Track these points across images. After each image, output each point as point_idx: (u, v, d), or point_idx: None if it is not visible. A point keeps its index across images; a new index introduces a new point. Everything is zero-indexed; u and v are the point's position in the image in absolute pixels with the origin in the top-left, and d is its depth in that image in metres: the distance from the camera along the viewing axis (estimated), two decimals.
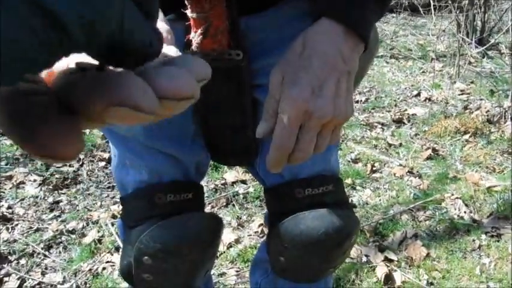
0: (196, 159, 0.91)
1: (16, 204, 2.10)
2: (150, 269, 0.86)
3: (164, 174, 0.87)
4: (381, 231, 1.96)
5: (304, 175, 0.89)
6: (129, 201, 0.89)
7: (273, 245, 0.94)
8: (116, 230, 1.91)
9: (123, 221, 0.93)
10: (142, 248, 0.84)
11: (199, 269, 0.93)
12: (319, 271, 0.97)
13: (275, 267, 0.99)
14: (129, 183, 0.89)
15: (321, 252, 0.90)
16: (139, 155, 0.86)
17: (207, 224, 0.90)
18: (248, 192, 2.18)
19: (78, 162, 2.45)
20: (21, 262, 1.76)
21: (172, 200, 0.86)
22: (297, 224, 0.88)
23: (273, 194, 0.94)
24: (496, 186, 2.32)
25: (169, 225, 0.84)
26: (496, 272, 1.77)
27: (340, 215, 0.89)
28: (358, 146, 2.62)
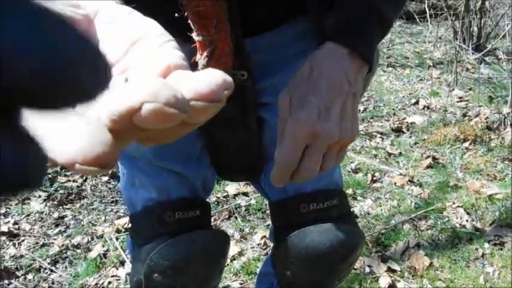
0: (203, 176, 0.93)
1: (22, 220, 2.11)
2: (160, 286, 0.88)
3: (172, 191, 0.89)
4: (383, 242, 1.98)
5: (309, 190, 0.91)
6: (138, 219, 0.92)
7: (279, 260, 0.96)
8: (121, 245, 1.93)
9: (132, 238, 0.95)
10: (152, 266, 0.86)
11: (207, 285, 0.95)
12: (325, 284, 0.99)
13: (281, 282, 1.01)
14: (138, 201, 0.91)
15: (327, 265, 0.92)
16: (147, 174, 0.88)
17: (214, 241, 0.92)
18: (250, 205, 2.20)
19: (82, 177, 2.47)
20: (28, 277, 1.77)
21: (180, 217, 0.88)
22: (302, 239, 0.90)
23: (277, 209, 0.96)
24: (498, 194, 2.34)
25: (178, 243, 0.86)
26: (500, 281, 1.78)
27: (345, 229, 0.91)
28: (358, 156, 2.64)
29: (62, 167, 2.48)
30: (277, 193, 0.94)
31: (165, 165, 0.87)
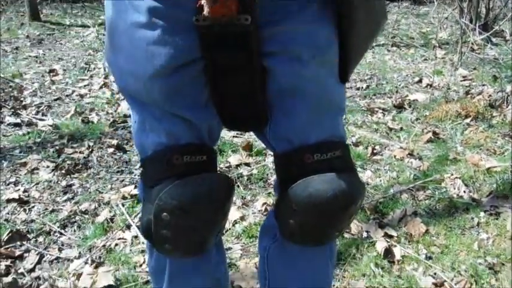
0: (209, 124, 0.96)
1: (32, 188, 2.19)
2: (168, 225, 0.93)
3: (181, 137, 0.93)
4: (381, 210, 2.03)
5: (312, 141, 0.94)
6: (148, 163, 0.96)
7: (282, 209, 1.01)
8: (127, 210, 2.00)
9: (143, 182, 1.00)
10: (161, 205, 0.91)
11: (212, 227, 1.00)
12: (326, 234, 1.04)
13: (283, 231, 1.06)
14: (148, 146, 0.95)
15: (329, 214, 0.97)
16: (158, 119, 0.92)
17: (220, 184, 0.96)
18: (252, 174, 2.25)
19: (88, 149, 2.54)
20: (39, 240, 1.85)
21: (188, 161, 0.93)
22: (305, 188, 0.94)
23: (282, 160, 1.00)
24: (496, 167, 2.38)
25: (186, 183, 0.91)
26: (494, 248, 1.83)
27: (347, 180, 0.95)
28: (359, 130, 2.69)
29: (69, 139, 2.54)
30: (282, 145, 0.97)
31: (174, 110, 0.91)
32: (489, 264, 1.74)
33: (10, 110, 3.06)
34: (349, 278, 1.67)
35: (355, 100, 3.29)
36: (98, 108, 3.13)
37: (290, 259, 1.16)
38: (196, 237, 0.99)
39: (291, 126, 0.94)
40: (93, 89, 3.54)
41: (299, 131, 0.94)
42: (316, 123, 0.94)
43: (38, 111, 3.11)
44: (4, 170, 2.33)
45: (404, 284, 1.65)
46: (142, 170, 0.99)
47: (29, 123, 2.90)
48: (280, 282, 1.21)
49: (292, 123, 0.94)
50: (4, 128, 2.82)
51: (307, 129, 0.94)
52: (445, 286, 1.64)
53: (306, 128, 0.94)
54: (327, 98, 0.94)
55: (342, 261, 1.73)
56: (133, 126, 0.99)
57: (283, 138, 0.97)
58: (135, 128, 0.98)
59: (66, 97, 3.39)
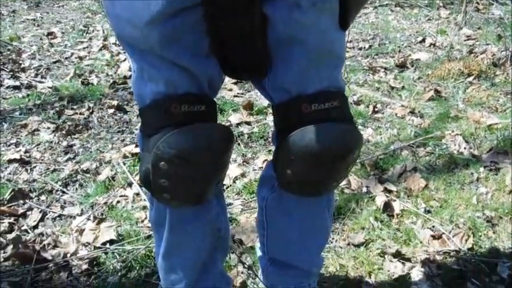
0: (209, 74, 0.95)
1: (33, 149, 2.20)
2: (166, 175, 0.93)
3: (179, 86, 0.92)
4: (381, 166, 2.03)
5: (310, 91, 0.93)
6: (147, 112, 0.95)
7: (280, 159, 1.01)
8: (128, 169, 2.01)
9: (141, 131, 1.00)
10: (159, 154, 0.91)
11: (211, 177, 1.00)
12: (323, 185, 1.04)
13: (281, 181, 1.06)
14: (147, 94, 0.94)
15: (326, 164, 0.97)
16: (156, 68, 0.90)
17: (219, 134, 0.95)
18: (252, 132, 2.26)
19: (88, 110, 2.54)
20: (42, 198, 1.87)
21: (186, 110, 0.91)
22: (303, 137, 0.93)
23: (280, 110, 0.99)
24: (497, 124, 2.37)
25: (184, 132, 0.90)
26: (493, 202, 1.84)
27: (345, 129, 0.95)
28: (360, 88, 2.67)
29: (69, 101, 2.54)
30: (280, 95, 0.97)
31: (173, 58, 0.89)
32: (487, 218, 1.76)
33: (9, 72, 3.05)
34: (348, 231, 1.69)
35: (357, 59, 3.26)
36: (97, 70, 3.11)
37: (288, 208, 1.17)
38: (195, 186, 0.99)
39: (289, 76, 0.93)
40: (93, 51, 3.51)
41: (297, 81, 0.93)
42: (315, 72, 0.93)
43: (37, 73, 3.10)
44: (5, 132, 2.34)
45: (403, 236, 1.67)
46: (141, 120, 0.98)
47: (29, 85, 2.89)
48: (279, 231, 1.22)
49: (290, 72, 0.93)
50: (3, 90, 2.81)
51: (305, 78, 0.93)
52: (443, 238, 1.66)
53: (304, 77, 0.93)
54: (326, 46, 0.92)
55: (341, 216, 1.75)
56: (132, 75, 0.98)
57: (281, 88, 0.96)
58: (133, 77, 0.97)
59: (65, 59, 3.37)
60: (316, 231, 1.23)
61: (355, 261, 1.57)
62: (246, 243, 1.62)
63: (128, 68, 3.05)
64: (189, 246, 1.13)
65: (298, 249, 1.23)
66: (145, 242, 1.61)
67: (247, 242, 1.62)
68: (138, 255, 1.55)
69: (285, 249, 1.25)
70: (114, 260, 1.55)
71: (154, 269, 1.51)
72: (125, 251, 1.58)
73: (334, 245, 1.63)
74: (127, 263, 1.53)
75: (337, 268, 1.54)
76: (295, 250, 1.24)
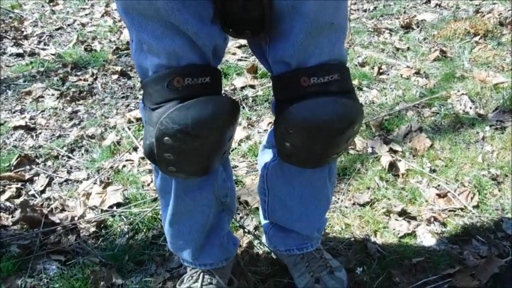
0: (215, 41, 0.92)
1: (37, 116, 2.20)
2: (171, 149, 0.92)
3: (182, 57, 0.89)
4: (386, 126, 2.03)
5: (310, 64, 0.91)
6: (149, 85, 0.92)
7: (279, 131, 0.99)
8: (133, 133, 2.01)
9: (143, 103, 0.98)
10: (163, 129, 0.89)
11: (217, 150, 0.99)
12: (322, 157, 1.03)
13: (280, 153, 1.05)
14: (148, 67, 0.91)
15: (324, 138, 0.95)
16: (158, 38, 0.87)
17: (224, 107, 0.93)
18: (257, 96, 2.24)
19: (92, 76, 2.53)
20: (48, 164, 1.88)
21: (190, 83, 0.89)
22: (301, 111, 0.92)
23: (279, 82, 0.97)
24: (504, 82, 2.34)
25: (187, 107, 0.88)
26: (498, 160, 1.84)
27: (344, 104, 0.93)
28: (365, 50, 2.64)
29: (73, 67, 2.53)
30: (280, 67, 0.95)
31: (179, 23, 0.86)
32: (492, 176, 1.75)
33: (11, 40, 3.03)
34: (353, 191, 1.70)
35: (362, 21, 3.21)
36: (100, 36, 3.09)
37: (288, 177, 1.17)
38: (201, 160, 0.98)
39: (289, 47, 0.91)
40: (95, 18, 3.48)
41: (297, 54, 0.91)
42: (315, 45, 0.90)
43: (40, 41, 3.08)
44: (9, 99, 2.34)
45: (408, 195, 1.67)
46: (143, 92, 0.95)
47: (32, 53, 2.87)
48: (279, 198, 1.23)
49: (290, 45, 0.90)
50: (7, 58, 2.80)
51: (305, 51, 0.91)
52: (448, 197, 1.67)
53: (304, 50, 0.90)
54: (327, 17, 0.89)
55: (346, 176, 1.75)
56: (131, 45, 0.95)
57: (281, 60, 0.94)
58: (133, 49, 0.94)
59: (68, 26, 3.34)
60: (317, 199, 1.23)
61: (361, 220, 1.58)
62: (251, 205, 1.63)
63: None
64: (195, 213, 1.14)
65: (299, 216, 1.24)
66: (152, 204, 1.63)
67: (253, 204, 1.63)
68: (145, 217, 1.57)
69: (285, 216, 1.26)
70: (121, 223, 1.57)
71: (161, 230, 1.53)
72: (131, 213, 1.60)
73: (340, 205, 1.64)
74: (134, 225, 1.55)
75: (342, 227, 1.56)
76: (296, 217, 1.24)
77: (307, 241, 1.31)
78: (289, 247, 1.32)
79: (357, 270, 1.40)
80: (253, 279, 1.36)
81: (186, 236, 1.19)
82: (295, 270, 1.34)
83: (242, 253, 1.44)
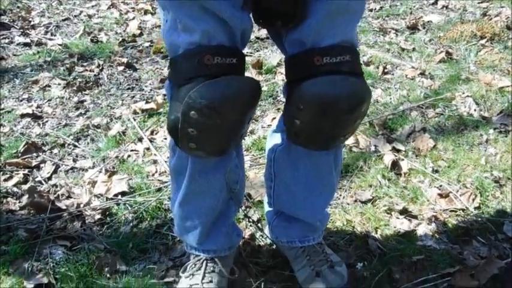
0: (244, 26, 0.97)
1: (44, 104, 2.22)
2: (195, 124, 0.95)
3: (214, 37, 0.93)
4: (389, 126, 2.04)
5: (324, 44, 0.96)
6: (179, 61, 0.97)
7: (289, 108, 1.04)
8: (138, 124, 2.03)
9: (170, 81, 1.02)
10: (190, 103, 0.93)
11: (236, 129, 1.02)
12: (330, 138, 1.06)
13: (289, 131, 1.08)
14: (180, 44, 0.96)
15: (333, 116, 0.99)
16: (193, 18, 0.92)
17: (249, 86, 0.98)
18: (262, 91, 2.26)
19: (98, 67, 2.54)
20: (54, 151, 1.90)
21: (219, 62, 0.93)
22: (313, 87, 0.96)
23: (293, 62, 1.02)
24: (509, 86, 2.35)
25: (216, 84, 0.92)
26: (501, 163, 1.85)
27: (354, 82, 0.97)
28: (370, 49, 2.65)
29: (79, 58, 2.54)
30: (295, 47, 0.99)
31: (215, 8, 0.90)
32: (495, 178, 1.77)
33: (19, 30, 3.04)
34: (355, 188, 1.71)
35: (367, 21, 3.21)
36: (106, 28, 3.10)
37: (295, 161, 1.20)
38: (221, 137, 1.02)
39: (306, 28, 0.96)
40: (101, 9, 3.49)
41: (312, 34, 0.95)
42: (330, 26, 0.95)
43: (47, 31, 3.09)
44: (17, 87, 2.36)
45: (410, 194, 1.69)
46: (172, 69, 0.99)
47: (39, 42, 2.89)
48: (285, 183, 1.25)
49: (307, 26, 0.95)
50: (14, 47, 2.82)
51: (321, 32, 0.95)
52: (450, 197, 1.68)
53: (320, 30, 0.95)
54: (344, 2, 0.94)
55: (349, 173, 1.77)
56: (164, 25, 0.99)
57: (297, 40, 0.98)
58: (166, 27, 0.98)
59: (75, 17, 3.35)
60: (322, 186, 1.25)
61: (362, 217, 1.60)
62: (254, 198, 1.65)
63: (137, 27, 3.04)
64: (207, 194, 1.17)
65: (303, 202, 1.26)
66: (156, 194, 1.64)
67: (256, 197, 1.65)
68: (149, 207, 1.59)
69: (290, 202, 1.29)
70: (126, 211, 1.58)
71: (165, 220, 1.55)
72: (136, 202, 1.62)
73: (342, 201, 1.65)
74: (138, 214, 1.57)
75: (344, 223, 1.57)
76: (300, 203, 1.27)
77: (309, 234, 1.33)
78: (291, 238, 1.34)
79: (357, 266, 1.42)
80: (254, 270, 1.38)
81: (194, 218, 1.22)
82: (296, 263, 1.36)
83: (244, 244, 1.46)
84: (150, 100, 2.23)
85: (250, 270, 1.38)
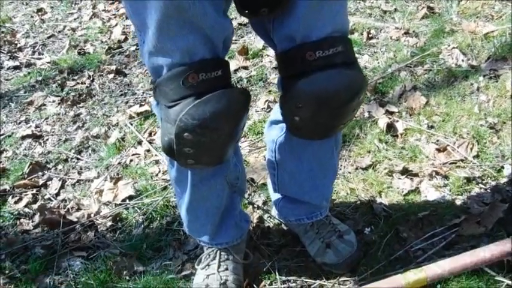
0: (226, 32, 0.96)
1: (42, 123, 2.26)
2: (190, 143, 0.96)
3: (195, 53, 0.91)
4: (380, 90, 2.06)
5: (314, 38, 0.95)
6: (163, 84, 0.94)
7: (287, 107, 1.04)
8: (136, 128, 2.07)
9: (158, 102, 1.01)
10: (182, 126, 0.92)
11: (232, 139, 1.04)
12: (330, 128, 1.09)
13: (290, 127, 1.11)
14: (162, 67, 0.94)
15: (332, 110, 1.00)
16: (170, 38, 0.89)
17: (237, 98, 0.97)
18: (251, 76, 2.28)
19: (89, 78, 2.57)
20: (59, 167, 1.95)
21: (204, 78, 0.92)
22: (310, 85, 0.96)
23: (285, 58, 1.01)
24: (494, 31, 2.35)
25: (204, 102, 0.91)
26: (495, 109, 1.86)
27: (349, 75, 0.98)
28: (352, 17, 2.65)
29: (69, 72, 2.57)
30: (285, 43, 0.98)
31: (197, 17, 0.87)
32: (490, 124, 1.79)
33: (7, 54, 3.07)
34: (355, 156, 1.74)
35: None
36: (91, 38, 3.12)
37: (297, 150, 1.22)
38: (217, 149, 1.03)
39: (294, 22, 0.94)
40: (84, 21, 3.50)
41: (301, 28, 0.94)
42: (318, 18, 0.94)
43: (34, 51, 3.11)
44: (13, 111, 2.40)
45: (409, 153, 1.71)
46: (157, 91, 0.97)
47: (28, 64, 2.92)
48: (289, 172, 1.28)
49: (295, 20, 0.94)
50: (5, 72, 2.85)
51: (309, 25, 0.94)
52: (448, 150, 1.71)
53: (308, 24, 0.94)
54: None
55: (347, 143, 1.79)
56: (142, 47, 0.96)
57: (286, 36, 0.97)
58: (144, 50, 0.95)
59: (59, 33, 3.37)
60: (325, 170, 1.28)
61: (365, 183, 1.63)
62: (257, 181, 1.68)
63: (121, 32, 3.05)
64: (211, 197, 1.20)
65: (308, 187, 1.29)
66: (162, 193, 1.69)
67: (259, 180, 1.68)
68: (157, 206, 1.63)
69: (295, 188, 1.32)
70: (136, 214, 1.63)
71: (174, 216, 1.59)
72: (144, 204, 1.66)
73: (343, 171, 1.68)
74: (148, 214, 1.61)
75: (347, 192, 1.61)
76: (305, 189, 1.30)
77: (316, 210, 1.36)
78: (299, 216, 1.37)
79: (365, 231, 1.45)
80: (266, 251, 1.42)
81: (203, 220, 1.26)
82: (305, 238, 1.40)
83: (254, 228, 1.50)
84: (143, 103, 2.26)
85: (262, 251, 1.43)
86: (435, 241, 1.40)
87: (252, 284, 1.34)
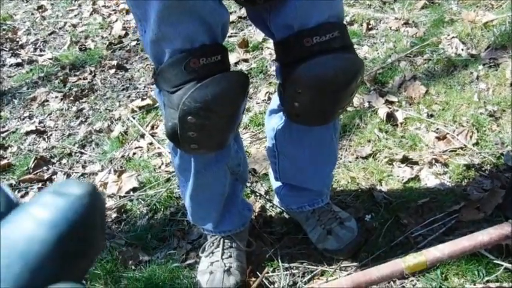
0: (224, 20, 0.99)
1: (46, 119, 2.28)
2: (194, 127, 0.98)
3: (195, 39, 0.94)
4: (380, 80, 2.07)
5: (311, 24, 0.97)
6: (166, 70, 0.97)
7: (287, 93, 1.07)
8: (138, 121, 2.09)
9: (160, 89, 1.04)
10: (185, 109, 0.95)
11: (233, 123, 1.06)
12: (329, 113, 1.11)
13: (289, 114, 1.13)
14: (164, 54, 0.97)
15: (331, 93, 1.03)
16: (171, 25, 0.93)
17: (238, 80, 1.00)
18: (251, 69, 2.30)
19: (91, 74, 2.60)
20: (63, 162, 1.97)
21: (205, 63, 0.95)
22: (308, 71, 0.99)
23: (283, 46, 1.04)
24: (493, 20, 2.36)
25: (206, 85, 0.94)
26: (494, 97, 1.88)
27: (347, 58, 1.00)
28: (352, 8, 2.66)
29: (71, 68, 2.59)
30: (282, 31, 1.01)
31: (197, 4, 0.91)
32: (490, 112, 1.80)
33: (9, 51, 3.10)
34: (355, 146, 1.76)
35: None
36: (92, 34, 3.14)
37: (297, 138, 1.24)
38: (220, 133, 1.05)
39: (291, 10, 0.97)
40: (84, 17, 3.52)
41: (298, 15, 0.97)
42: (314, 4, 0.96)
43: (36, 47, 3.14)
44: (17, 107, 2.42)
45: (409, 142, 1.73)
46: (159, 78, 1.00)
47: (30, 60, 2.94)
48: (289, 159, 1.31)
49: (292, 7, 0.96)
50: (7, 69, 2.87)
51: (306, 12, 0.97)
52: (448, 138, 1.72)
53: (305, 11, 0.96)
54: None
55: (347, 133, 1.81)
56: (144, 37, 0.99)
57: (283, 24, 1.00)
58: (146, 39, 0.99)
59: (60, 30, 3.39)
60: (326, 156, 1.30)
61: (365, 172, 1.65)
62: (259, 172, 1.70)
63: (121, 28, 3.07)
64: (215, 184, 1.23)
65: (310, 174, 1.32)
66: (166, 185, 1.71)
67: (260, 170, 1.70)
68: (161, 197, 1.66)
69: (296, 175, 1.34)
70: (140, 205, 1.65)
71: (178, 207, 1.61)
72: (148, 195, 1.68)
73: (344, 161, 1.70)
74: (152, 206, 1.64)
75: (348, 181, 1.62)
76: (307, 176, 1.32)
77: (317, 197, 1.38)
78: (301, 204, 1.40)
79: (366, 218, 1.47)
80: (269, 239, 1.45)
81: (206, 207, 1.29)
82: (307, 225, 1.42)
83: (256, 217, 1.52)
84: (145, 97, 2.28)
85: (265, 239, 1.45)
86: (435, 227, 1.42)
87: (255, 271, 1.36)
